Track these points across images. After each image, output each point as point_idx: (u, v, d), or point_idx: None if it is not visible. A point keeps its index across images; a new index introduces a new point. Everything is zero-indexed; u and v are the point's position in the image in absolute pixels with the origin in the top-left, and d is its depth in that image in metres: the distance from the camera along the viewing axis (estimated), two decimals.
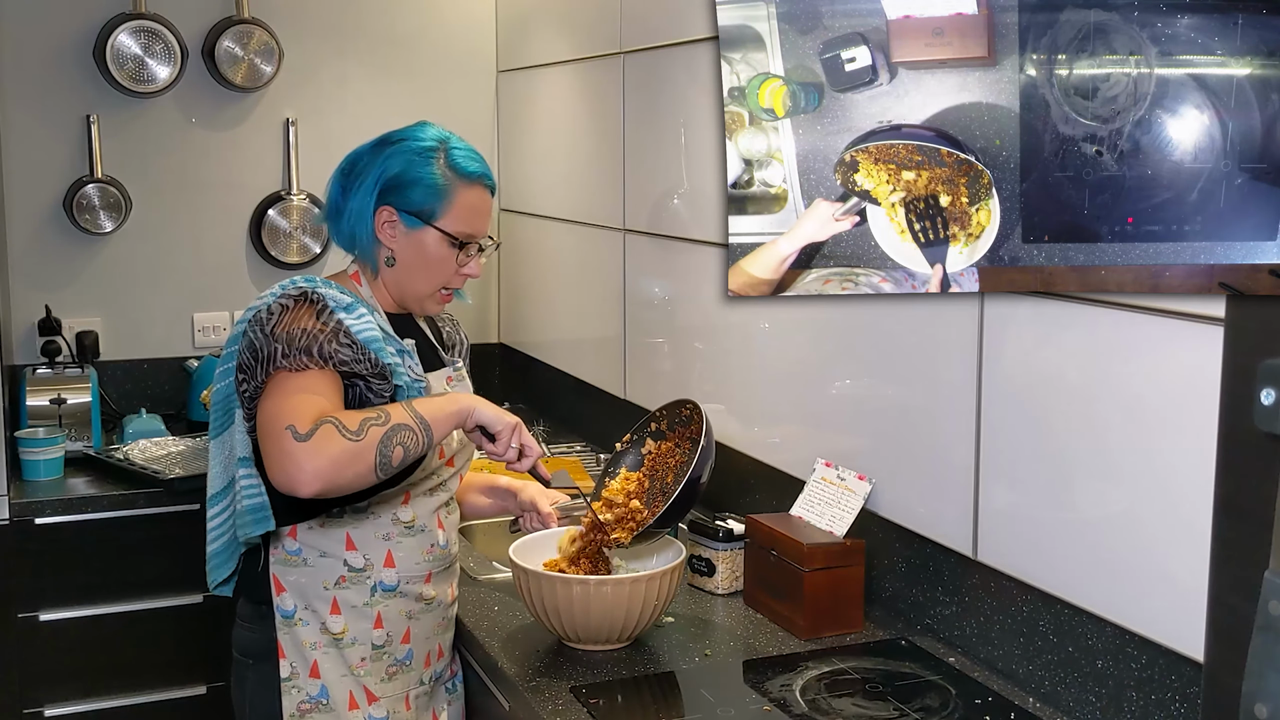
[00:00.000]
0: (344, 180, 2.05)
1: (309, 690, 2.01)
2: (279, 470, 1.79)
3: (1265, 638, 1.17)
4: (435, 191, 2.01)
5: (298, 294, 1.93)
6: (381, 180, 2.01)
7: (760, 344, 2.68)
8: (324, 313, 1.91)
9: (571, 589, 2.04)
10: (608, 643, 2.10)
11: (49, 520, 3.01)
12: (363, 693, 2.03)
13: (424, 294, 2.07)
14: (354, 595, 2.02)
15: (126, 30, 3.52)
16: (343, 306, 1.94)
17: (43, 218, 3.58)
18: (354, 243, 2.05)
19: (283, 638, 2.01)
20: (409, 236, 2.02)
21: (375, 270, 2.06)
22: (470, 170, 2.05)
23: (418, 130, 2.07)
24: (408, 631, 2.08)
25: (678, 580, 2.12)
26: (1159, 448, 1.72)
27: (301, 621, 2.01)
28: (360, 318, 1.94)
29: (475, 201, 2.05)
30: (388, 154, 2.02)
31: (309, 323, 1.89)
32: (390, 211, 2.01)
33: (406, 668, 2.09)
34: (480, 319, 4.13)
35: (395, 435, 1.84)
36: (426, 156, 2.02)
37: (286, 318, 1.89)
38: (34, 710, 3.04)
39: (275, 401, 1.84)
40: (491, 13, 4.02)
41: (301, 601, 2.01)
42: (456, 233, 2.03)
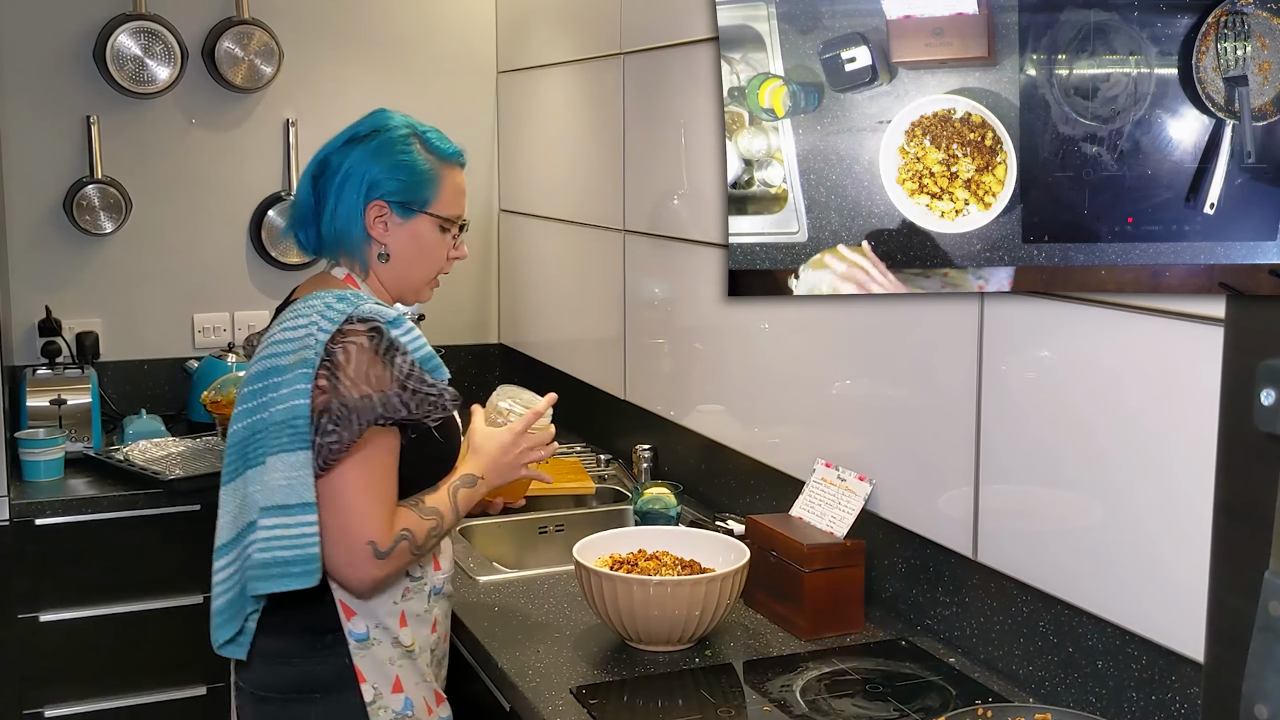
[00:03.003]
0: (315, 183, 2.00)
1: (394, 707, 1.95)
2: (347, 570, 1.85)
3: (1265, 638, 1.17)
4: (424, 178, 1.99)
5: (365, 329, 1.85)
6: (367, 177, 1.96)
7: (760, 344, 2.67)
8: (392, 349, 1.86)
9: (632, 589, 2.05)
10: (668, 643, 2.10)
11: (49, 521, 3.01)
12: (433, 696, 2.02)
13: (422, 283, 2.06)
14: (416, 605, 1.99)
15: (126, 31, 3.52)
16: (389, 321, 1.88)
17: (43, 218, 3.58)
18: (340, 244, 1.99)
19: (360, 662, 1.93)
20: (403, 228, 1.99)
21: (365, 268, 2.01)
22: (450, 151, 2.04)
23: (382, 120, 2.02)
24: (447, 630, 2.10)
25: (742, 581, 2.13)
26: (1159, 448, 1.72)
27: (377, 641, 1.95)
28: (409, 332, 1.90)
29: (458, 181, 2.05)
30: (364, 150, 1.98)
31: (389, 367, 1.84)
32: (381, 206, 1.97)
33: (443, 663, 2.10)
34: (480, 319, 4.13)
35: (439, 538, 1.97)
36: (405, 145, 1.99)
37: (364, 360, 1.84)
38: (34, 710, 3.04)
39: (353, 472, 1.84)
40: (491, 13, 4.02)
41: (373, 621, 1.94)
42: (448, 215, 2.02)
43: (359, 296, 1.90)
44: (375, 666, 1.93)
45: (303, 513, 1.81)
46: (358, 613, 1.92)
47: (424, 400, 1.85)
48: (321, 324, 1.84)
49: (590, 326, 3.47)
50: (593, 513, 2.93)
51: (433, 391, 1.86)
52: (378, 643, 1.93)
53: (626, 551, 2.25)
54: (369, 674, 1.93)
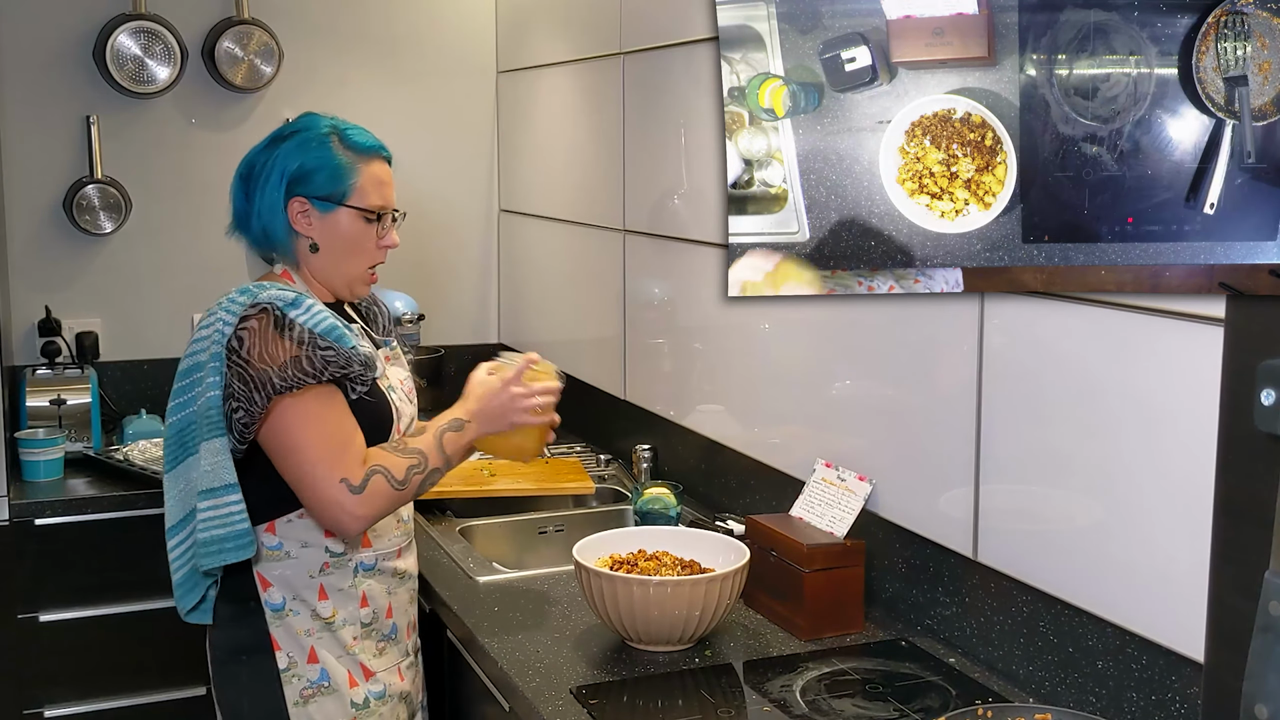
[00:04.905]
0: (245, 185, 2.13)
1: (309, 676, 2.07)
2: (328, 517, 1.99)
3: (1265, 638, 1.17)
4: (341, 172, 2.08)
5: (256, 311, 1.98)
6: (286, 174, 2.07)
7: (760, 344, 2.67)
8: (287, 324, 1.98)
9: (632, 589, 2.05)
10: (668, 643, 2.10)
11: (49, 521, 3.01)
12: (360, 670, 2.10)
13: (354, 275, 2.14)
14: (338, 579, 2.09)
15: (126, 31, 3.52)
16: (289, 303, 2.00)
17: (43, 218, 3.58)
18: (269, 240, 2.11)
19: (275, 630, 2.07)
20: (325, 221, 2.09)
21: (297, 264, 2.12)
22: (367, 144, 2.13)
23: (307, 120, 2.14)
24: (390, 606, 2.15)
25: (742, 581, 2.13)
26: (1159, 448, 1.72)
27: (292, 612, 2.07)
28: (310, 309, 2.01)
29: (378, 173, 2.13)
30: (285, 149, 2.09)
31: (283, 339, 1.97)
32: (302, 202, 2.08)
33: (393, 641, 2.17)
34: (480, 319, 4.13)
35: (429, 479, 2.06)
36: (323, 142, 2.09)
37: (259, 339, 1.96)
38: (34, 710, 3.04)
39: (295, 434, 1.97)
40: (491, 13, 4.02)
41: (289, 593, 2.07)
42: (370, 206, 2.10)
43: (261, 287, 2.03)
44: (289, 636, 2.07)
45: (227, 493, 1.98)
46: (274, 584, 2.06)
47: (329, 362, 1.98)
48: (225, 318, 1.99)
49: (590, 326, 3.47)
50: (593, 513, 2.93)
51: (332, 354, 1.98)
52: (293, 613, 2.07)
53: (626, 552, 2.25)
54: (283, 643, 2.07)
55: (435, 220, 3.97)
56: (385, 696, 2.12)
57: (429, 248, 3.93)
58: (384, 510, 2.02)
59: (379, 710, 2.11)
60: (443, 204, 4.00)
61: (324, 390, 2.00)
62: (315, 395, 1.99)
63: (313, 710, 2.06)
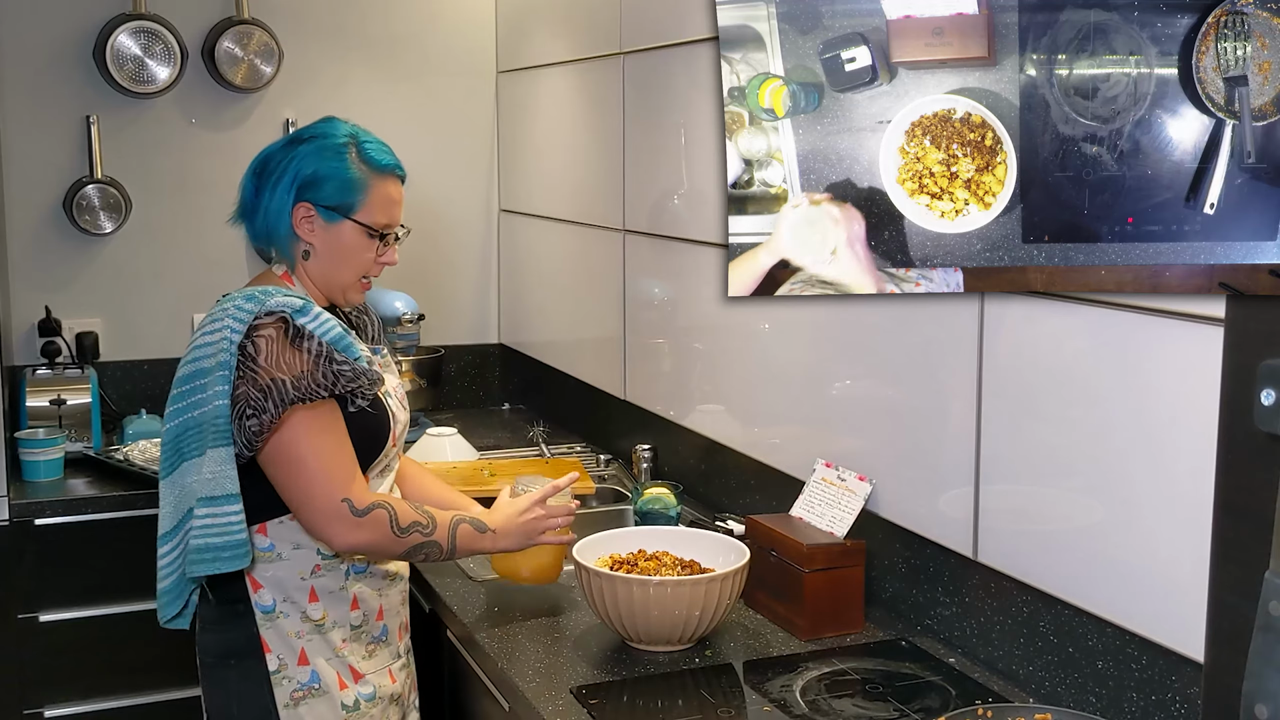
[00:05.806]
0: (257, 180, 2.12)
1: (299, 678, 2.06)
2: (320, 527, 2.00)
3: (1265, 638, 1.17)
4: (351, 186, 2.07)
5: (272, 320, 1.97)
6: (298, 178, 2.06)
7: (760, 344, 2.67)
8: (304, 335, 1.98)
9: (632, 589, 2.05)
10: (668, 643, 2.10)
11: (49, 521, 3.01)
12: (349, 672, 2.10)
13: (347, 284, 2.13)
14: (330, 581, 2.09)
15: (126, 31, 3.52)
16: (297, 310, 1.99)
17: (43, 218, 3.58)
18: (270, 239, 2.11)
19: (266, 632, 2.06)
20: (328, 231, 2.08)
21: (293, 265, 2.12)
22: (383, 163, 2.12)
23: (328, 126, 2.12)
24: (380, 609, 2.15)
25: (742, 581, 2.13)
26: (1159, 448, 1.72)
27: (283, 614, 2.07)
28: (318, 318, 2.00)
29: (390, 192, 2.12)
30: (301, 152, 2.08)
31: (299, 349, 1.96)
32: (308, 208, 2.07)
33: (384, 643, 2.16)
34: (480, 319, 4.13)
35: (424, 550, 2.08)
36: (339, 152, 2.08)
37: (275, 347, 1.96)
38: (34, 711, 3.04)
39: (302, 446, 1.98)
40: (491, 13, 4.02)
41: (280, 595, 2.07)
42: (374, 224, 2.10)
43: (266, 293, 2.01)
44: (280, 638, 2.06)
45: (227, 503, 1.97)
46: (264, 586, 2.07)
47: (341, 375, 1.98)
48: (234, 326, 1.97)
49: (590, 326, 3.46)
50: (593, 513, 2.92)
51: (346, 368, 1.98)
52: (284, 615, 2.06)
53: (626, 552, 2.25)
54: (274, 644, 2.06)
55: (435, 220, 3.97)
56: (375, 698, 2.11)
57: (429, 248, 3.93)
58: (373, 545, 2.03)
59: (369, 712, 2.10)
60: (443, 204, 4.00)
61: (332, 405, 2.00)
62: (327, 409, 2.00)
63: (303, 712, 2.05)
